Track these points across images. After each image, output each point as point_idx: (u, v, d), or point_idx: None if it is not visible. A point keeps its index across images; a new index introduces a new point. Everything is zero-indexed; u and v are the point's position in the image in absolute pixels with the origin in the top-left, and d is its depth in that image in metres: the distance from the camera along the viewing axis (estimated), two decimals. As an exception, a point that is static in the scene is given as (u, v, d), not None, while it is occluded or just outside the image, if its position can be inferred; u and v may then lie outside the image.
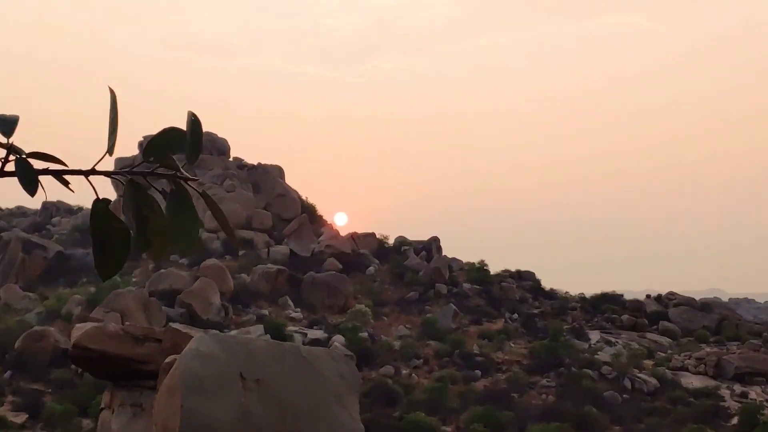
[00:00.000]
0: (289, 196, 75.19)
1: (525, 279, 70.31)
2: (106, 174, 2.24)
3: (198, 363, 8.90)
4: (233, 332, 44.66)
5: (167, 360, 10.65)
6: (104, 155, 2.20)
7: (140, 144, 75.18)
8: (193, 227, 2.19)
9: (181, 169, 2.26)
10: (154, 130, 2.28)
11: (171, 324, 16.68)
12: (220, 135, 80.00)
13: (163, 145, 2.25)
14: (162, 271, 52.46)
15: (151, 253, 2.15)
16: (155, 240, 2.14)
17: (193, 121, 2.24)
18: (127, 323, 25.61)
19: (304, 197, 78.38)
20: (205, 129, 2.30)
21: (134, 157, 69.48)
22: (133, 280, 55.21)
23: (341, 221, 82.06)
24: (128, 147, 72.71)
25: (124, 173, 2.21)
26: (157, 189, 2.30)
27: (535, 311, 62.82)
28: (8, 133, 2.10)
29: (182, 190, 2.22)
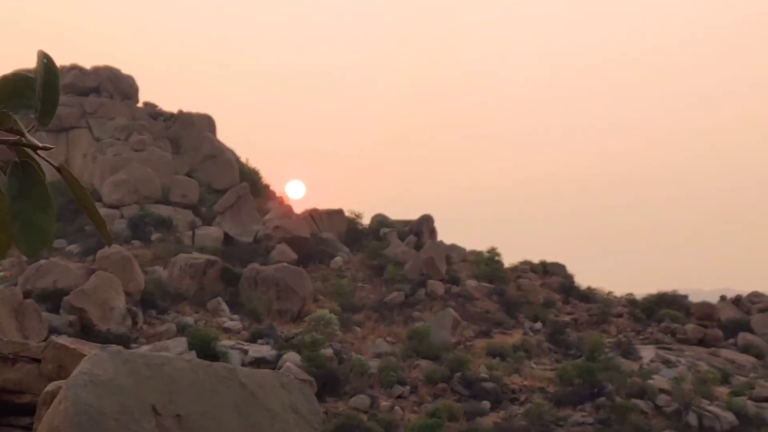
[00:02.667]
0: (222, 157, 74.93)
1: (552, 274, 70.69)
2: None
3: (93, 393, 8.81)
4: (143, 349, 44.57)
5: (48, 388, 10.54)
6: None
7: None
8: (44, 217, 2.11)
9: (27, 134, 2.18)
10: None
11: (54, 337, 16.52)
12: (124, 71, 79.45)
13: (2, 99, 2.18)
14: (42, 262, 52.15)
15: None
16: None
17: (46, 64, 2.16)
18: (-7, 336, 25.34)
19: (243, 159, 78.29)
20: (104, 62, 2.20)
21: None
22: (0, 274, 54.81)
23: (296, 193, 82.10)
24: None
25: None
26: None
27: (567, 319, 63.20)
28: None
29: (29, 163, 2.14)
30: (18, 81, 2.22)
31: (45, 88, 2.17)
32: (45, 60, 2.18)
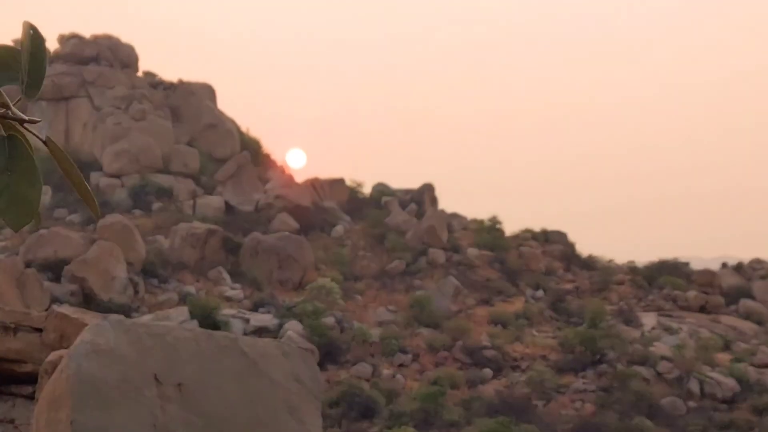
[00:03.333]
0: (223, 126, 74.76)
1: (553, 242, 70.68)
2: None
3: (95, 363, 8.81)
4: (145, 318, 44.70)
5: (50, 358, 10.55)
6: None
7: None
8: (31, 190, 2.08)
9: (13, 107, 2.15)
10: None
11: (56, 307, 16.55)
12: (123, 40, 79.17)
13: None
14: (43, 231, 52.17)
15: None
16: None
17: (33, 35, 2.12)
18: (-6, 306, 25.38)
19: (244, 129, 78.12)
20: (102, 30, 2.18)
21: None
22: (1, 244, 54.87)
23: (297, 162, 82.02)
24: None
25: None
26: None
27: (568, 287, 63.28)
28: None
29: (16, 137, 2.11)
30: (3, 53, 2.18)
31: (31, 60, 2.14)
32: (31, 31, 2.14)
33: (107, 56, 75.94)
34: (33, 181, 2.10)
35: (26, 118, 2.16)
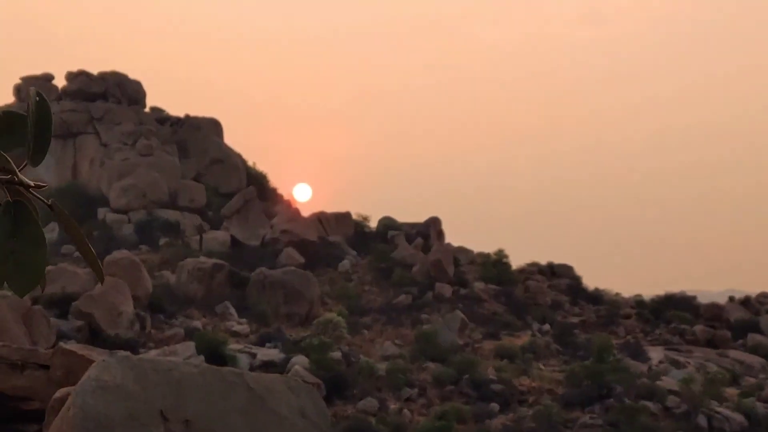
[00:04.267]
0: (229, 161, 74.98)
1: (560, 275, 70.57)
2: None
3: (101, 399, 8.81)
4: (152, 353, 44.59)
5: (57, 395, 10.55)
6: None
7: None
8: (37, 255, 2.11)
9: (18, 173, 2.18)
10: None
11: (63, 343, 16.57)
12: (131, 76, 79.62)
13: None
14: (50, 268, 52.18)
15: None
16: None
17: (38, 102, 2.16)
18: None
19: (250, 163, 78.36)
20: (110, 68, 2.22)
21: None
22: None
23: (303, 196, 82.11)
24: None
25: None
26: None
27: (574, 320, 63.09)
28: None
29: (21, 202, 2.14)
30: (10, 118, 2.22)
31: (37, 126, 2.17)
32: (37, 98, 2.18)
33: (115, 92, 76.37)
34: (38, 246, 2.12)
35: (32, 183, 2.19)
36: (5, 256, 2.08)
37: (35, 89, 2.19)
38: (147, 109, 78.96)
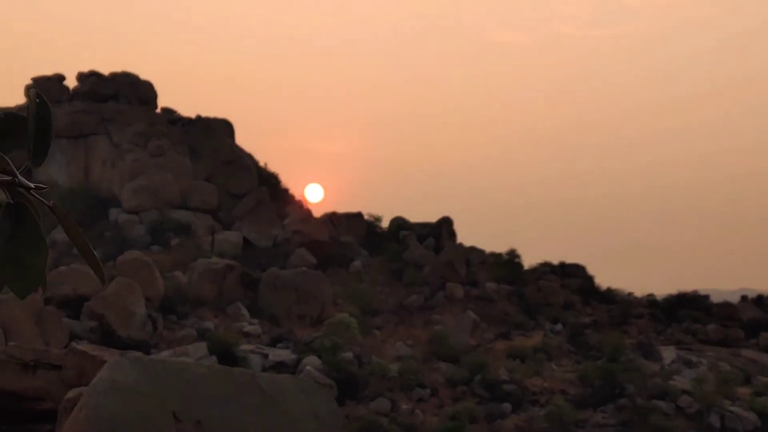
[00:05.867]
0: (241, 162, 75.00)
1: (572, 275, 70.46)
2: None
3: (113, 400, 8.81)
4: (164, 354, 44.64)
5: (69, 395, 10.56)
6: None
7: None
8: (38, 258, 2.10)
9: (18, 175, 2.17)
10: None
11: (75, 344, 16.62)
12: (143, 77, 79.75)
13: None
14: (62, 268, 52.32)
15: None
16: None
17: (39, 103, 2.15)
18: (11, 344, 25.44)
19: (262, 164, 78.37)
20: (121, 68, 2.21)
21: None
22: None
23: (315, 196, 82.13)
24: None
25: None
26: None
27: (587, 320, 62.98)
28: None
29: (22, 204, 2.13)
30: (10, 120, 2.21)
31: (37, 127, 2.16)
32: (37, 99, 2.17)
33: (126, 93, 76.47)
34: (39, 248, 2.12)
35: (32, 185, 2.18)
36: (5, 259, 2.07)
37: (35, 90, 2.18)
38: (158, 110, 79.05)
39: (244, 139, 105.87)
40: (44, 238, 2.13)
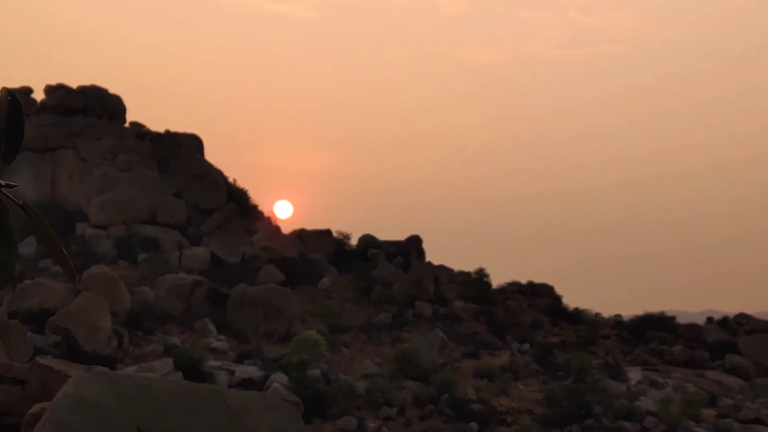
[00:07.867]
0: (210, 177, 74.84)
1: (540, 295, 70.68)
2: None
3: (78, 415, 8.74)
4: (129, 370, 44.35)
5: (33, 410, 10.46)
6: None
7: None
8: (7, 256, 2.08)
9: None
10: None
11: (39, 358, 16.46)
12: (111, 90, 79.44)
13: None
14: (27, 282, 51.92)
15: None
16: None
17: (11, 102, 2.13)
18: (-23, 357, 25.17)
19: (231, 180, 78.26)
20: (90, 82, 2.19)
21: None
22: (-12, 295, 54.54)
23: (284, 213, 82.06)
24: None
25: None
26: None
27: (554, 340, 63.17)
28: None
29: None
30: None
31: (9, 126, 2.13)
32: (9, 97, 2.15)
33: (94, 107, 76.13)
34: (9, 246, 2.09)
35: (2, 182, 2.16)
36: None
37: (7, 89, 2.16)
38: (127, 124, 78.73)
39: (213, 155, 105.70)
40: (14, 235, 2.10)
